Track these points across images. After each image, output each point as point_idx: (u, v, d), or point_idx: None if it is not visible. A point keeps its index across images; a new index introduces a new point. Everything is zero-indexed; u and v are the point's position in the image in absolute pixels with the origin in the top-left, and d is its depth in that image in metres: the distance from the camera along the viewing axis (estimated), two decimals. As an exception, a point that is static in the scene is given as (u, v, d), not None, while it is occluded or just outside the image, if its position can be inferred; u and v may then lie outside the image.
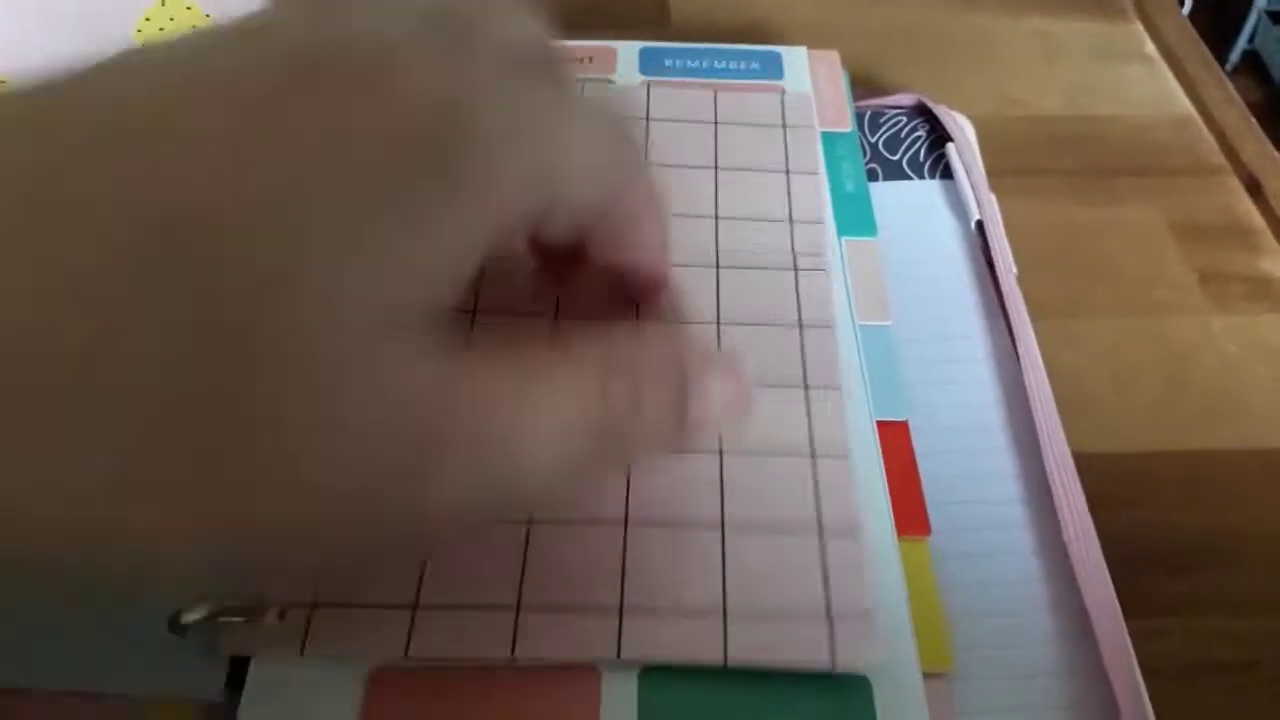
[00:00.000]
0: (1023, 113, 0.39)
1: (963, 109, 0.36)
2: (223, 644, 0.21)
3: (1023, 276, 0.30)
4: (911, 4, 0.43)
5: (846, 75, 0.35)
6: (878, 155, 0.34)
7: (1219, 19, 1.42)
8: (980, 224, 0.31)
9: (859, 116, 0.35)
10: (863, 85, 0.37)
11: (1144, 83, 0.40)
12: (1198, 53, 0.41)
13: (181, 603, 0.21)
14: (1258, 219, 0.35)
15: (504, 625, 0.21)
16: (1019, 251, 0.31)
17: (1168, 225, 0.34)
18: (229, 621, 0.21)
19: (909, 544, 0.24)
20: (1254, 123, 0.38)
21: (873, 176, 0.33)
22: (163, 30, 0.33)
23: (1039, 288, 0.31)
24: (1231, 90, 0.39)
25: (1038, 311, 0.29)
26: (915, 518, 0.24)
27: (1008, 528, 0.25)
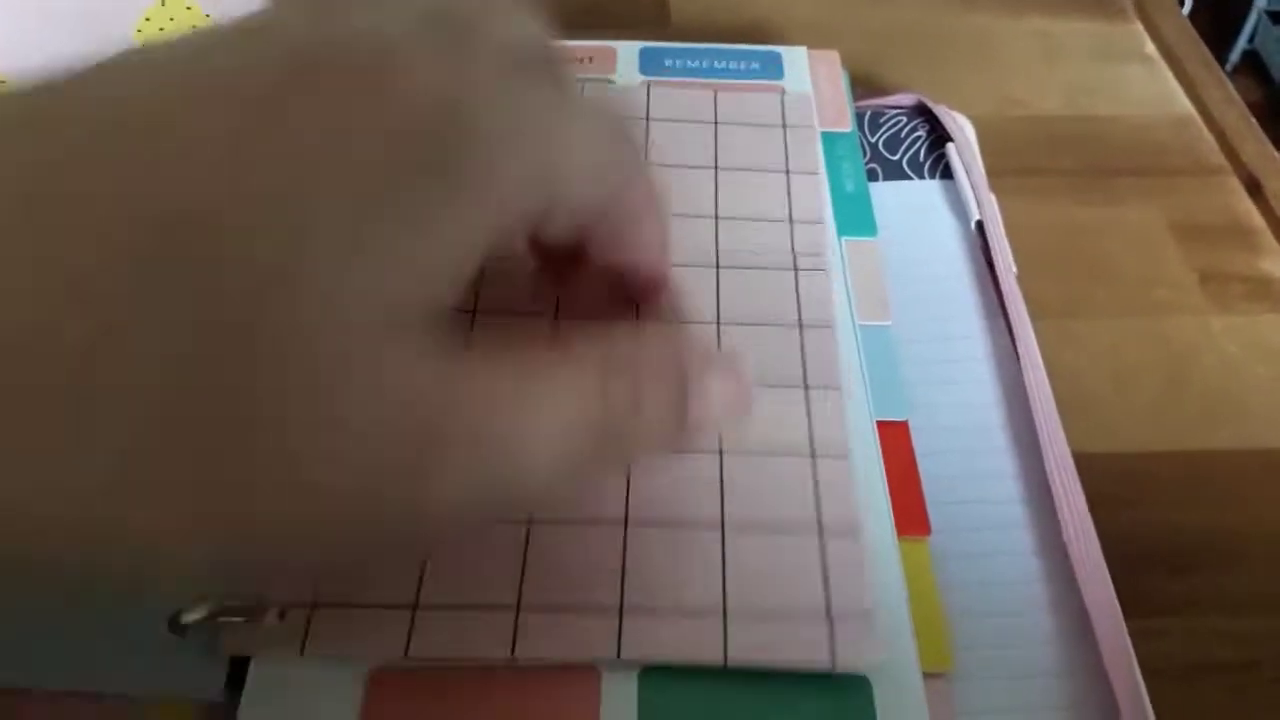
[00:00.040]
0: (1023, 113, 0.39)
1: (963, 109, 0.36)
2: (222, 644, 0.21)
3: (1023, 276, 0.30)
4: (911, 4, 0.43)
5: (846, 75, 0.35)
6: (878, 155, 0.34)
7: (1219, 19, 1.42)
8: (980, 224, 0.32)
9: (859, 116, 0.35)
10: (863, 85, 0.37)
11: (1144, 83, 0.40)
12: (1197, 53, 0.41)
13: (181, 602, 0.21)
14: (1258, 219, 0.35)
15: (504, 625, 0.21)
16: (1019, 251, 0.31)
17: (1168, 225, 0.34)
18: (229, 621, 0.21)
19: (909, 544, 0.24)
20: (1254, 123, 0.38)
21: (873, 176, 0.33)
22: (163, 30, 0.33)
23: (1039, 288, 0.31)
24: (1231, 90, 0.39)
25: (1038, 311, 0.29)
26: (915, 518, 0.24)
27: (1008, 528, 0.25)
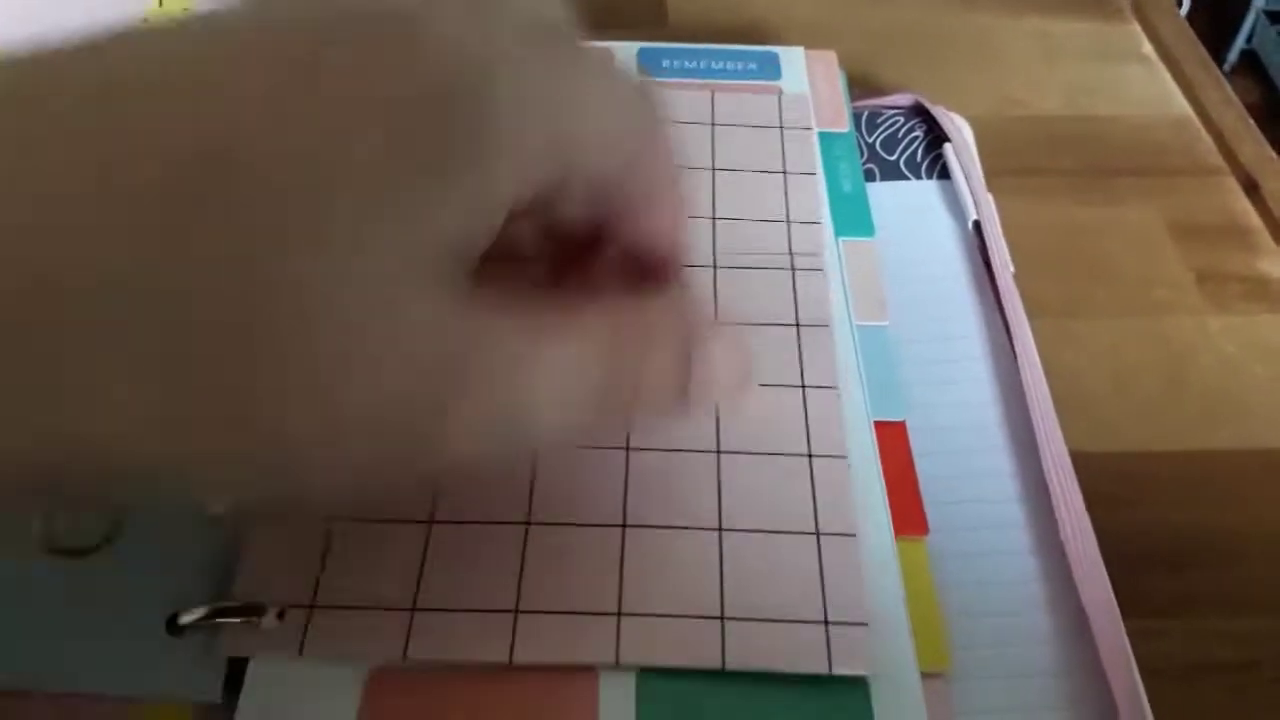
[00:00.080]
0: (1022, 113, 0.39)
1: (961, 109, 0.36)
2: (221, 645, 0.21)
3: (1022, 276, 0.30)
4: (910, 4, 0.43)
5: (844, 75, 0.35)
6: (875, 155, 0.34)
7: (1217, 18, 1.42)
8: (977, 224, 0.32)
9: (856, 117, 0.35)
10: (860, 85, 0.37)
11: (1142, 83, 0.40)
12: (1195, 53, 0.41)
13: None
14: (1255, 219, 0.35)
15: (502, 628, 0.21)
16: (1018, 251, 0.31)
17: (1166, 225, 0.34)
18: (227, 623, 0.21)
19: (906, 544, 0.24)
20: (1251, 123, 0.38)
21: (870, 177, 0.33)
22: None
23: (1038, 288, 0.31)
24: (1229, 91, 0.39)
25: (1037, 311, 0.29)
26: (913, 518, 0.24)
27: (1005, 527, 0.25)
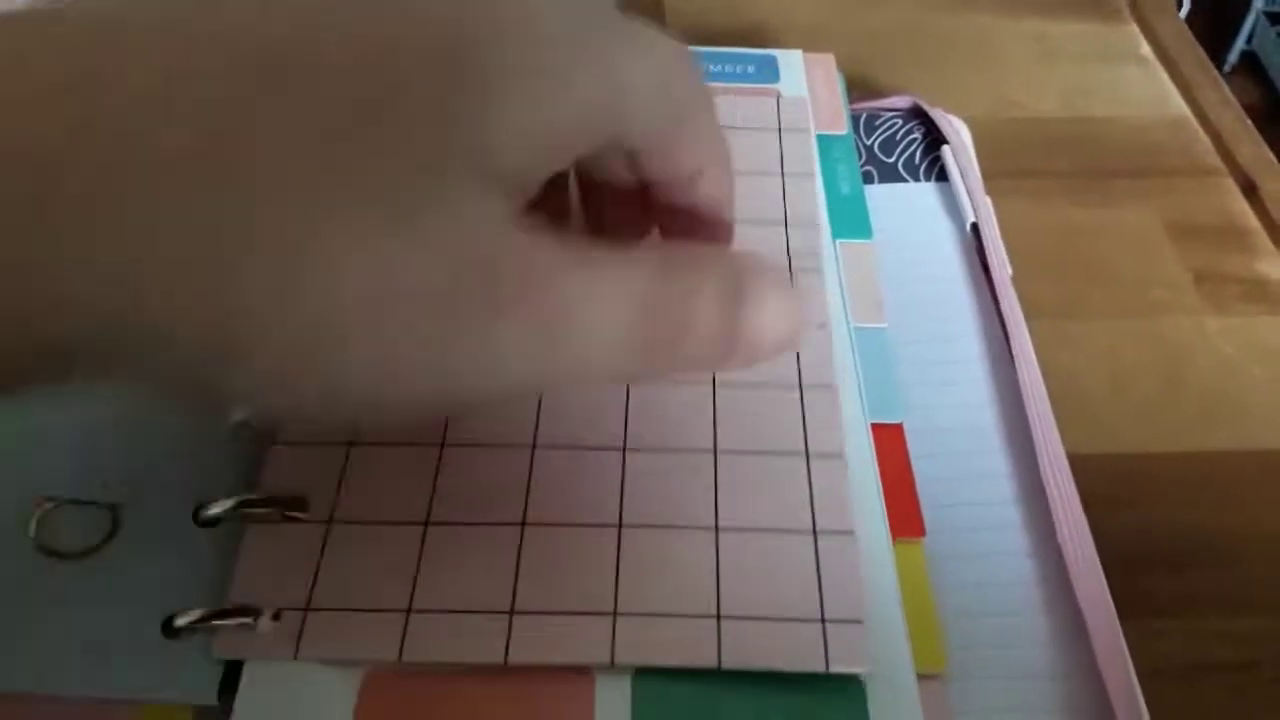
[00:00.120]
0: (1019, 114, 0.39)
1: (959, 110, 0.36)
2: (216, 647, 0.21)
3: (1019, 278, 0.30)
4: (908, 6, 0.43)
5: (842, 78, 0.35)
6: (873, 158, 0.34)
7: (1217, 19, 1.43)
8: (975, 226, 0.32)
9: (855, 119, 0.35)
10: (859, 88, 0.37)
11: (1140, 84, 0.40)
12: (1193, 54, 0.41)
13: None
14: (1253, 220, 0.35)
15: (498, 629, 0.21)
16: (1016, 253, 0.31)
17: (1164, 226, 0.34)
18: (223, 625, 0.21)
19: (904, 546, 0.23)
20: (1249, 124, 0.38)
21: (868, 179, 0.33)
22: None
23: (1036, 289, 0.31)
24: (1227, 92, 0.39)
25: (1034, 312, 0.29)
26: (910, 520, 0.24)
27: (1003, 529, 0.25)
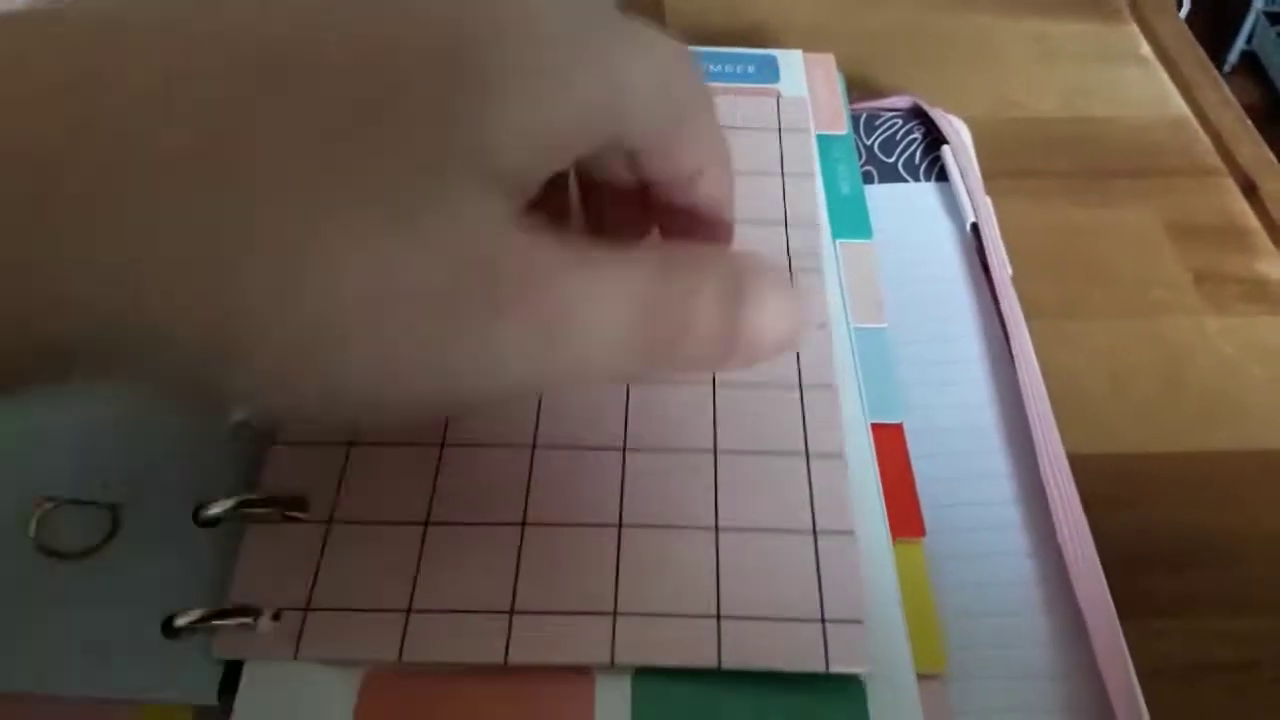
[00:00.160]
0: (1019, 114, 0.39)
1: (959, 110, 0.36)
2: (217, 647, 0.21)
3: (1019, 278, 0.30)
4: (908, 6, 0.43)
5: (842, 78, 0.35)
6: (873, 158, 0.34)
7: (1217, 19, 1.43)
8: (975, 226, 0.31)
9: (855, 119, 0.35)
10: (859, 88, 0.37)
11: (1140, 84, 0.40)
12: (1193, 54, 0.41)
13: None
14: (1253, 220, 0.35)
15: (498, 629, 0.21)
16: (1016, 253, 0.31)
17: (1163, 226, 0.34)
18: (223, 625, 0.21)
19: (904, 546, 0.23)
20: (1249, 124, 0.38)
21: (868, 179, 0.33)
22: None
23: (1036, 289, 0.31)
24: (1227, 92, 0.39)
25: (1034, 313, 0.29)
26: (910, 520, 0.24)
27: (1003, 529, 0.25)
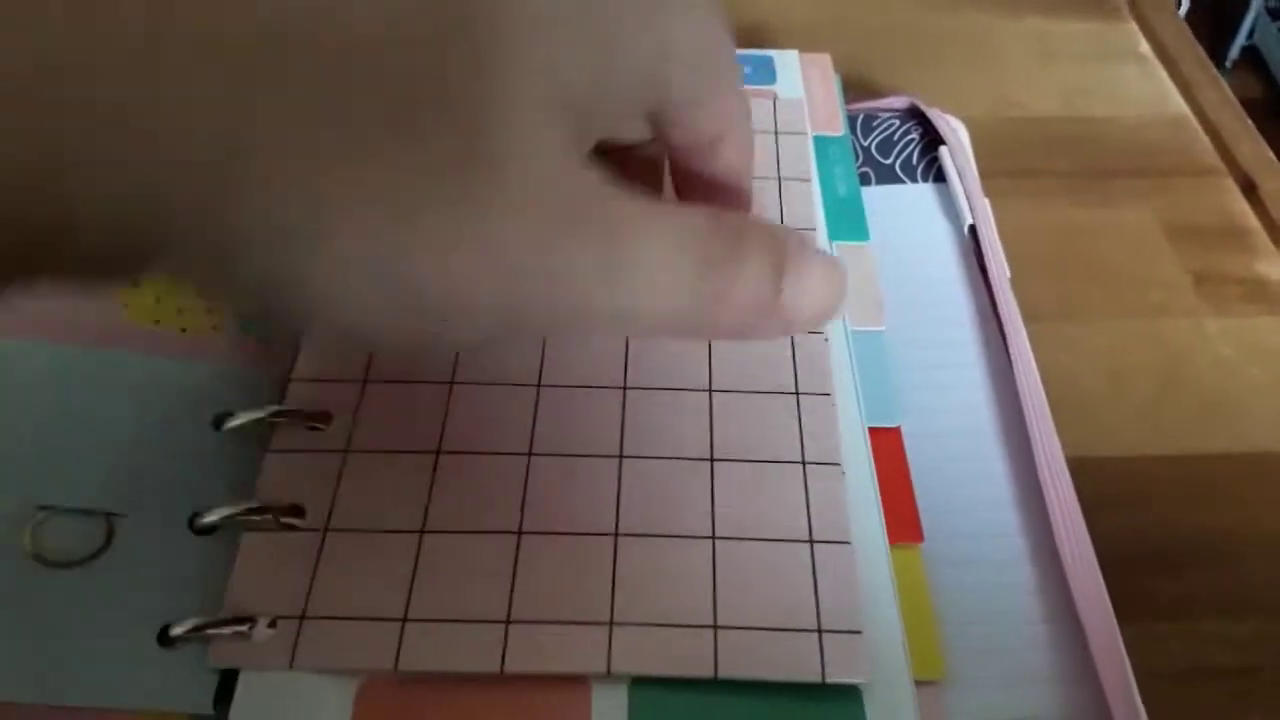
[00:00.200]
0: (1018, 113, 0.38)
1: (958, 110, 0.35)
2: (212, 656, 0.21)
3: (1018, 278, 0.30)
4: (905, 5, 0.43)
5: (839, 78, 0.35)
6: (870, 159, 0.34)
7: (1219, 15, 1.42)
8: (973, 228, 0.31)
9: (852, 119, 0.35)
10: (856, 88, 0.37)
11: (1139, 83, 0.40)
12: (1193, 53, 0.41)
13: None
14: (1253, 220, 0.35)
15: (494, 638, 0.21)
16: (1014, 253, 0.31)
17: (1163, 226, 0.34)
18: (218, 634, 0.21)
19: (901, 551, 0.23)
20: (1249, 123, 0.38)
21: (865, 180, 0.33)
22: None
23: (1034, 290, 0.31)
24: (1227, 90, 0.39)
25: (1033, 314, 0.29)
26: (908, 525, 0.24)
27: (1002, 534, 0.25)
